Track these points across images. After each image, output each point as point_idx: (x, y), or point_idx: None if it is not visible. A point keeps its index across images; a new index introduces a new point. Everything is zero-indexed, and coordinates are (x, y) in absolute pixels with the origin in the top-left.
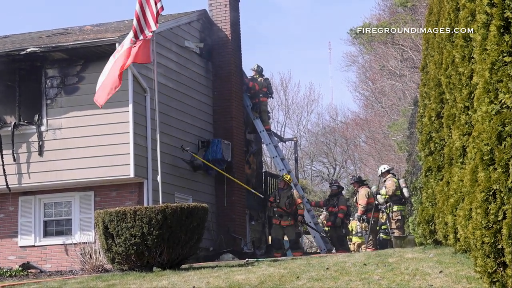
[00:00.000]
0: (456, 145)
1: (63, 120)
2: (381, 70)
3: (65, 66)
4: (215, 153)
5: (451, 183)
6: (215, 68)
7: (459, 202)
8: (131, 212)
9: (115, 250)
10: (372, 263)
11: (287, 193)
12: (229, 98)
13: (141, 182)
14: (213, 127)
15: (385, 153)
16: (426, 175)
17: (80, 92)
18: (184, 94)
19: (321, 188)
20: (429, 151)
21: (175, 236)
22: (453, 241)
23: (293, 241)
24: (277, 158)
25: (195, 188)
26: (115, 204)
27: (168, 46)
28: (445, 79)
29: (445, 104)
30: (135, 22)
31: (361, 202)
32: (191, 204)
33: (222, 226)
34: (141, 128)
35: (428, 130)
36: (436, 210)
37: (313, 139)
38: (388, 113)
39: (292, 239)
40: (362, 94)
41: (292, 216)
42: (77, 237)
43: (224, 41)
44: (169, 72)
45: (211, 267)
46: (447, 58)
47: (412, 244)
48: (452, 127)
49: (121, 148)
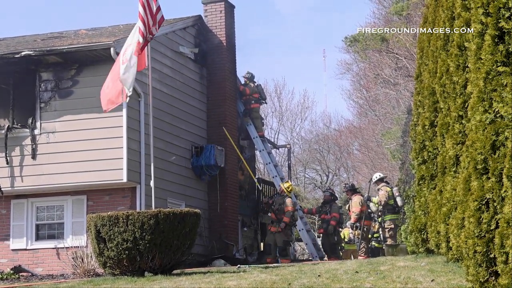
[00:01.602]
0: (449, 154)
1: (57, 124)
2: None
3: (60, 70)
4: (208, 159)
5: (444, 192)
6: (209, 74)
7: (451, 211)
8: (123, 217)
9: (107, 255)
10: (364, 270)
11: (280, 200)
12: (223, 103)
13: (134, 187)
14: (207, 132)
15: (378, 161)
16: (419, 183)
17: (74, 96)
18: (178, 100)
19: (314, 195)
20: (422, 160)
21: (167, 241)
22: (445, 250)
23: (281, 248)
24: (270, 164)
25: (188, 194)
26: (108, 208)
27: (162, 51)
28: (439, 88)
29: (439, 113)
30: (141, 24)
31: (354, 209)
32: (183, 210)
33: (215, 232)
34: (134, 133)
35: (422, 139)
36: (428, 219)
37: (306, 146)
38: (382, 121)
39: (280, 246)
40: (356, 102)
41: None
42: (69, 241)
43: (218, 47)
44: (163, 77)
45: (203, 273)
46: (442, 67)
47: (404, 253)
48: (446, 136)
49: (115, 152)
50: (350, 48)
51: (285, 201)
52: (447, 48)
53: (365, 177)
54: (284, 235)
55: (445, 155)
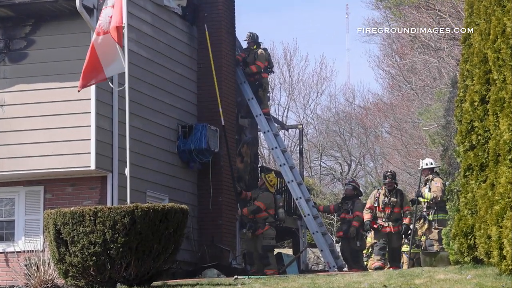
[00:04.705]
0: (504, 137)
1: (7, 95)
2: (411, 41)
3: (10, 26)
4: (199, 141)
5: (496, 185)
6: (201, 34)
7: (506, 210)
8: (90, 214)
9: (69, 261)
10: (394, 284)
11: (255, 195)
12: (219, 72)
13: (104, 176)
14: (197, 108)
15: (413, 147)
16: (466, 175)
17: (29, 60)
18: (162, 66)
19: (332, 190)
20: (470, 145)
21: (145, 244)
22: (498, 260)
23: (261, 255)
24: (277, 149)
25: (173, 185)
26: (71, 203)
27: (142, 4)
28: (492, 54)
29: (492, 86)
30: None
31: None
32: (167, 205)
33: (206, 234)
34: (106, 107)
35: (470, 119)
36: (477, 220)
37: (323, 128)
38: (419, 96)
39: (260, 254)
40: (387, 72)
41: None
42: (21, 244)
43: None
44: (142, 38)
45: (190, 285)
46: (496, 27)
47: (445, 262)
48: (500, 115)
49: (80, 132)
50: (380, 3)
51: (259, 195)
52: (504, 3)
53: (397, 167)
54: (263, 240)
55: (499, 139)
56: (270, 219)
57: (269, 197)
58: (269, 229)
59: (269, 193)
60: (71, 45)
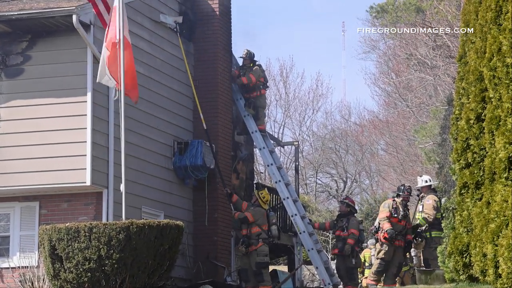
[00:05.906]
0: (500, 155)
1: (3, 111)
2: (407, 59)
3: (7, 42)
4: (195, 158)
5: (492, 203)
6: (197, 51)
7: (502, 228)
8: (85, 229)
9: (63, 277)
10: None
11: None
12: (215, 89)
13: (100, 192)
14: (193, 125)
15: (409, 165)
16: (461, 193)
17: (26, 76)
18: (158, 83)
19: (328, 207)
20: (465, 163)
21: (140, 261)
22: (493, 278)
23: (255, 272)
24: (272, 166)
25: (168, 202)
26: (66, 218)
27: (139, 21)
28: (488, 72)
29: (487, 104)
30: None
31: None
32: (162, 221)
33: (201, 251)
34: (102, 123)
35: (465, 137)
36: (472, 238)
37: (319, 145)
38: (415, 114)
39: (255, 270)
40: (383, 89)
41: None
42: (16, 260)
43: (210, 16)
44: (139, 54)
45: None
46: (492, 46)
47: (441, 281)
48: (496, 133)
49: (76, 148)
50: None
51: (250, 209)
52: (500, 22)
53: (392, 184)
54: (257, 256)
55: (494, 157)
56: (263, 235)
57: (260, 213)
58: (262, 245)
59: (261, 209)
60: (67, 61)
